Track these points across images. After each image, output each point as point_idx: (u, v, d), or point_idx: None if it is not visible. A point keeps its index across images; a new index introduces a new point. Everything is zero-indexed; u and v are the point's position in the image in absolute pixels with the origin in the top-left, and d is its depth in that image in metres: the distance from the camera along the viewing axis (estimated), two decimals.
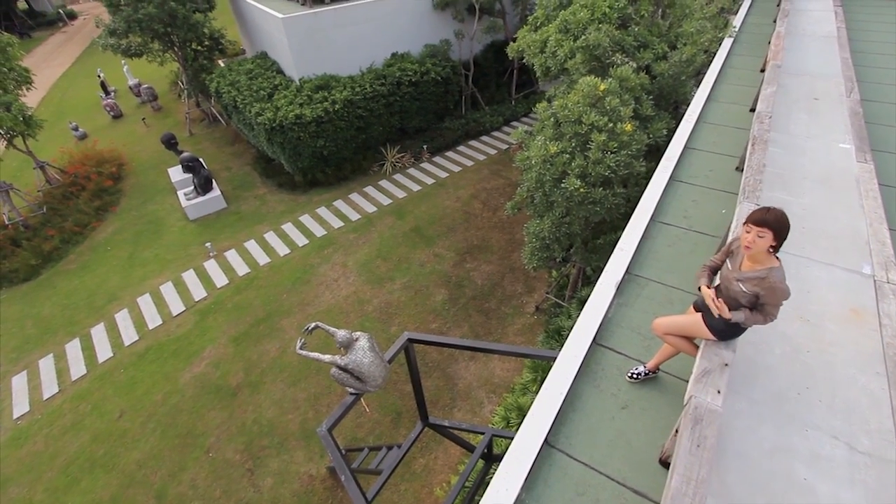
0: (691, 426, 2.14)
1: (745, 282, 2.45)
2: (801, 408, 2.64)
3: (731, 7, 10.95)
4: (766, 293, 2.36)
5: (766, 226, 2.32)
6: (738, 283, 2.47)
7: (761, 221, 2.33)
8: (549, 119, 8.50)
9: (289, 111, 14.16)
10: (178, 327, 11.54)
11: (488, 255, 13.31)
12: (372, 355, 4.47)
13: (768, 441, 2.43)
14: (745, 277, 2.45)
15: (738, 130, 6.12)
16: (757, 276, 2.39)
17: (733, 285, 2.50)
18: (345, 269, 12.83)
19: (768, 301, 2.37)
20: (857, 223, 3.83)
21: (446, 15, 17.33)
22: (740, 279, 2.47)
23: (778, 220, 2.30)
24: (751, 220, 2.38)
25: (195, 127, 20.85)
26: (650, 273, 4.05)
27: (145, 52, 18.18)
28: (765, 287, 2.36)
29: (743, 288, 2.45)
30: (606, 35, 8.91)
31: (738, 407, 2.64)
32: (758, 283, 2.38)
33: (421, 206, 15.08)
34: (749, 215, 2.39)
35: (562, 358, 3.31)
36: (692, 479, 1.96)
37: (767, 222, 2.32)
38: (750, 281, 2.42)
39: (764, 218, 2.33)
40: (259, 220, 14.93)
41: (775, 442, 2.42)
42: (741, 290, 2.45)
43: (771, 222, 2.31)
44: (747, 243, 2.40)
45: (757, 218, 2.36)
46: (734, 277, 2.51)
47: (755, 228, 2.36)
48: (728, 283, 2.54)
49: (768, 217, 2.32)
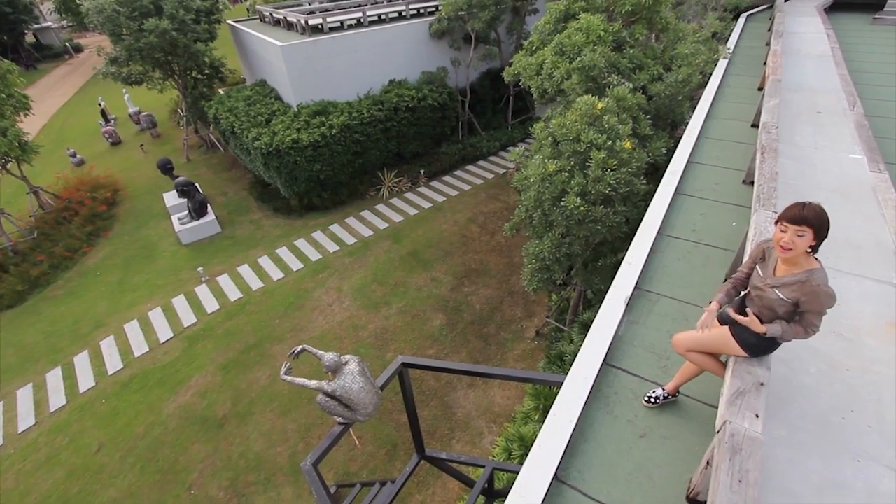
0: (729, 457, 1.82)
1: (782, 288, 2.17)
2: (848, 434, 2.32)
3: (723, 32, 11.12)
4: (808, 299, 2.08)
5: (805, 223, 2.05)
6: (773, 291, 2.19)
7: (799, 219, 2.06)
8: (546, 139, 8.39)
9: (286, 135, 14.15)
10: (165, 355, 11.09)
11: (487, 278, 13.02)
12: (362, 381, 4.13)
13: (816, 474, 2.10)
14: (781, 283, 2.17)
15: (741, 145, 5.98)
16: (796, 281, 2.12)
17: (768, 293, 2.22)
18: (339, 294, 12.49)
19: (810, 308, 2.09)
20: (881, 233, 3.60)
21: (443, 43, 17.65)
22: (776, 285, 2.20)
23: (818, 216, 2.04)
24: (786, 218, 2.11)
25: (193, 153, 20.88)
26: (661, 288, 3.78)
27: (146, 80, 18.38)
28: (806, 292, 2.08)
29: (780, 295, 2.17)
30: (602, 56, 8.93)
31: (776, 434, 2.32)
32: (797, 289, 2.11)
33: (418, 230, 14.88)
34: (783, 213, 2.13)
35: (570, 381, 2.99)
36: None
37: (807, 219, 2.05)
38: (788, 287, 2.14)
39: (802, 215, 2.06)
40: (253, 245, 14.67)
41: (824, 475, 2.10)
42: (778, 298, 2.17)
43: (811, 219, 2.05)
44: (784, 244, 2.12)
45: (794, 215, 2.09)
46: (769, 284, 2.24)
47: (792, 227, 2.08)
48: (762, 292, 2.26)
49: (807, 213, 2.05)
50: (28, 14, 39.62)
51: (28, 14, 39.62)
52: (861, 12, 12.29)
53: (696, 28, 11.14)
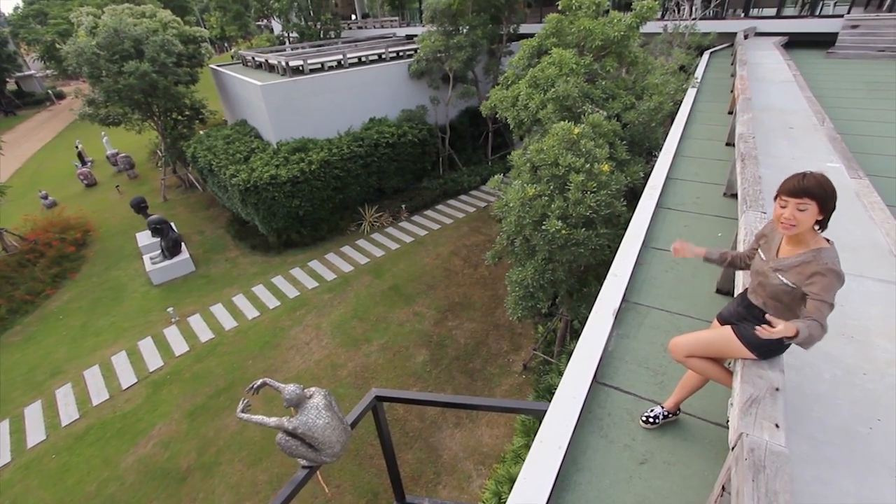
0: (752, 477, 1.51)
1: (786, 271, 1.92)
2: (879, 446, 2.02)
3: (690, 65, 11.60)
4: (815, 280, 1.82)
5: (806, 195, 1.81)
6: (776, 275, 1.94)
7: (800, 190, 1.82)
8: (525, 165, 8.35)
9: (264, 172, 13.99)
10: (127, 402, 10.26)
11: (471, 312, 12.65)
12: (328, 416, 3.69)
13: (852, 496, 1.79)
14: (785, 266, 1.92)
15: (718, 162, 5.97)
16: (801, 262, 1.87)
17: (770, 278, 1.97)
18: (318, 332, 11.93)
19: (817, 293, 1.82)
20: (873, 234, 3.47)
21: (422, 83, 18.09)
22: (779, 268, 1.95)
23: (821, 185, 1.81)
24: (785, 192, 1.87)
25: (170, 193, 20.54)
26: (651, 300, 3.53)
27: (124, 121, 18.25)
28: (810, 273, 1.83)
29: (783, 279, 1.91)
30: (575, 86, 9.12)
31: (798, 450, 2.01)
32: (801, 270, 1.86)
33: (399, 264, 14.57)
34: (781, 186, 1.90)
35: (557, 401, 2.66)
36: None
37: (808, 190, 1.80)
38: (793, 269, 1.89)
39: (802, 185, 1.81)
40: (229, 283, 14.11)
41: (861, 495, 1.78)
42: (781, 283, 1.92)
43: (813, 189, 1.80)
44: (786, 221, 1.87)
45: (793, 186, 1.84)
46: (772, 267, 1.99)
47: (793, 200, 1.84)
48: (764, 278, 2.01)
49: (807, 183, 1.82)
50: (11, 63, 39.89)
51: (11, 63, 39.89)
52: (815, 48, 13.02)
53: (663, 62, 11.60)
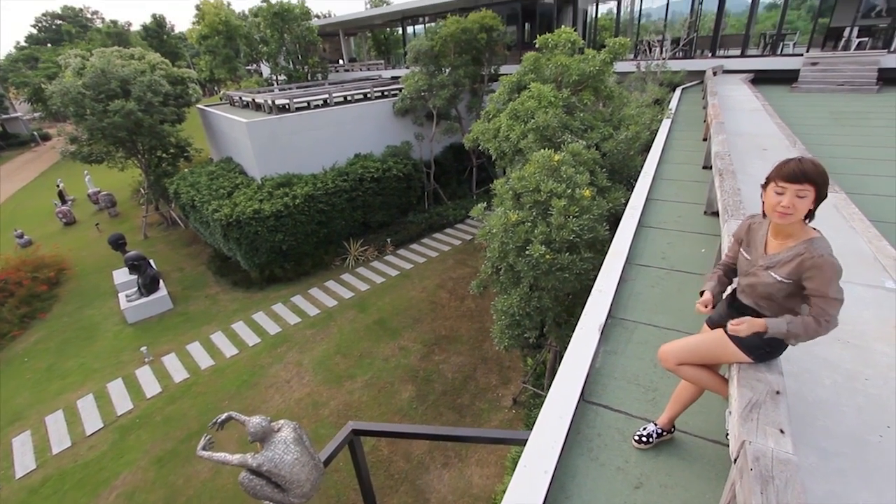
0: (760, 490, 1.33)
1: (777, 267, 1.80)
2: (892, 456, 1.86)
3: (664, 98, 12.07)
4: (811, 274, 1.70)
5: (807, 180, 1.68)
6: (767, 273, 1.83)
7: (800, 175, 1.68)
8: (507, 193, 8.38)
9: (247, 206, 13.87)
10: (91, 449, 9.55)
11: (458, 345, 12.33)
12: (297, 451, 3.39)
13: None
14: (776, 261, 1.80)
15: (696, 183, 6.03)
16: (793, 255, 1.76)
17: (761, 277, 1.85)
18: (299, 369, 11.45)
19: (817, 288, 1.71)
20: (855, 242, 3.44)
21: (406, 120, 18.49)
22: (770, 265, 1.83)
23: (819, 171, 1.69)
24: (783, 176, 1.73)
25: (152, 230, 20.20)
26: (637, 316, 3.40)
27: (107, 159, 18.15)
28: (807, 266, 1.70)
29: (776, 276, 1.79)
30: (555, 116, 9.34)
31: (807, 461, 1.83)
32: (797, 265, 1.74)
33: (385, 298, 14.29)
34: (776, 170, 1.77)
35: (542, 421, 2.45)
36: None
37: (808, 174, 1.68)
38: (784, 264, 1.77)
39: (802, 169, 1.68)
40: (207, 321, 13.63)
41: None
42: (775, 281, 1.80)
43: (812, 174, 1.68)
44: (783, 209, 1.73)
45: (792, 170, 1.70)
46: (761, 266, 1.87)
47: (792, 186, 1.70)
48: (754, 278, 1.89)
49: (807, 167, 1.68)
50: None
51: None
52: (779, 84, 13.70)
53: (638, 96, 12.05)
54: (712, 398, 2.63)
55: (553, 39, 11.10)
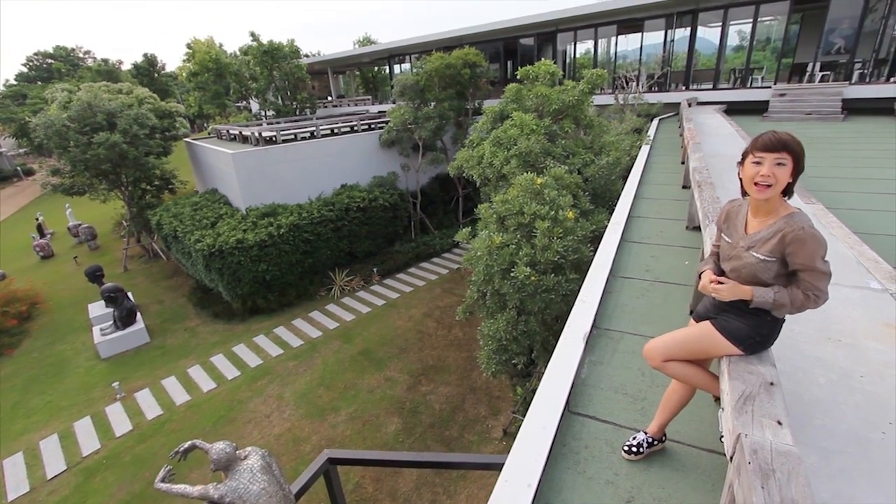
0: (760, 484, 1.21)
1: (759, 246, 1.74)
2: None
3: (642, 127, 12.45)
4: (794, 249, 1.63)
5: (784, 149, 1.63)
6: (749, 253, 1.76)
7: (777, 143, 1.64)
8: (491, 217, 8.38)
9: (230, 236, 13.68)
10: (51, 495, 8.87)
11: (446, 375, 12.00)
12: (265, 480, 3.14)
13: None
14: (758, 240, 1.74)
15: (677, 202, 6.10)
16: (774, 231, 1.69)
17: (744, 258, 1.77)
18: (280, 402, 10.96)
19: (802, 262, 1.64)
20: (837, 247, 3.44)
21: (393, 151, 18.73)
22: (751, 245, 1.76)
23: (795, 141, 1.66)
24: (760, 147, 1.68)
25: (133, 263, 19.75)
26: (623, 326, 3.30)
27: (89, 191, 17.92)
28: (789, 241, 1.64)
29: (759, 255, 1.72)
30: (537, 142, 9.52)
31: (809, 461, 1.71)
32: (779, 240, 1.67)
33: (370, 328, 13.96)
34: (753, 143, 1.73)
35: (525, 433, 2.29)
36: None
37: (786, 143, 1.63)
38: (767, 242, 1.70)
39: (779, 138, 1.64)
40: (185, 354, 13.11)
41: None
42: (758, 261, 1.73)
43: (790, 143, 1.64)
44: (762, 179, 1.67)
45: (769, 140, 1.65)
46: (743, 247, 1.80)
47: (770, 155, 1.65)
48: (737, 261, 1.81)
49: (783, 136, 1.64)
50: None
51: None
52: (751, 114, 14.28)
53: (617, 125, 12.41)
54: (704, 406, 2.51)
55: (534, 71, 11.48)
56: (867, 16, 13.59)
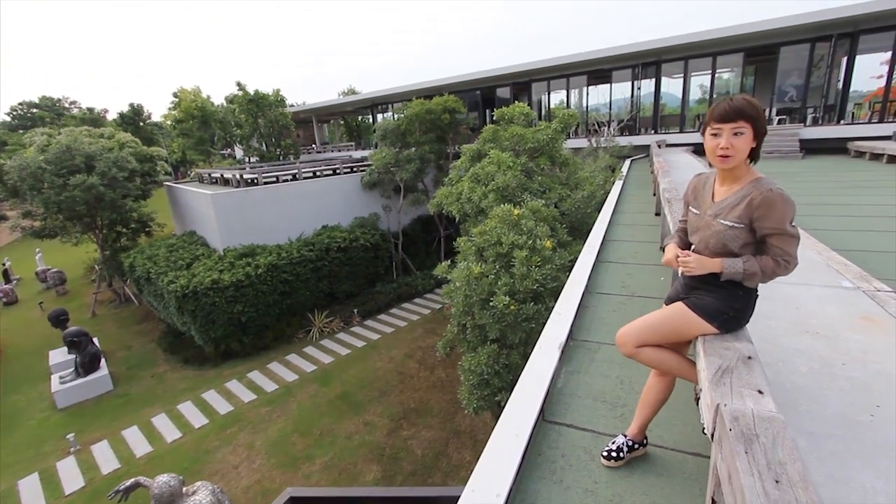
0: (744, 449, 1.10)
1: (726, 212, 1.70)
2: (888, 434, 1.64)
3: (616, 166, 12.92)
4: (763, 212, 1.59)
5: (741, 117, 1.60)
6: (717, 221, 1.72)
7: (733, 112, 1.61)
8: (470, 249, 8.38)
9: (205, 276, 13.31)
10: None
11: (428, 418, 11.48)
12: None
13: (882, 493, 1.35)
14: (725, 207, 1.70)
15: (651, 227, 6.19)
16: (741, 196, 1.66)
17: (713, 226, 1.73)
18: (250, 452, 10.25)
19: (771, 226, 1.60)
20: (806, 253, 3.48)
21: (375, 193, 18.94)
22: (718, 212, 1.73)
23: (752, 106, 1.62)
24: (717, 118, 1.65)
25: (102, 308, 18.95)
26: (600, 337, 3.20)
27: (60, 234, 17.44)
28: (756, 204, 1.60)
29: (727, 222, 1.68)
30: (514, 178, 9.73)
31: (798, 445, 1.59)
32: (746, 205, 1.64)
33: (349, 370, 13.45)
34: (710, 114, 1.70)
35: (495, 440, 2.12)
36: None
37: (742, 111, 1.60)
38: (734, 208, 1.67)
39: (734, 106, 1.61)
40: (150, 402, 12.32)
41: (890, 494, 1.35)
42: (726, 228, 1.68)
43: (746, 109, 1.60)
44: (722, 151, 1.65)
45: (724, 109, 1.63)
46: (711, 215, 1.76)
47: (727, 126, 1.63)
48: (706, 232, 1.77)
49: (738, 104, 1.60)
50: None
51: None
52: None
53: (591, 163, 12.85)
54: (687, 410, 2.39)
55: (509, 113, 11.96)
56: (812, 71, 14.80)
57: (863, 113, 15.91)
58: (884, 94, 14.74)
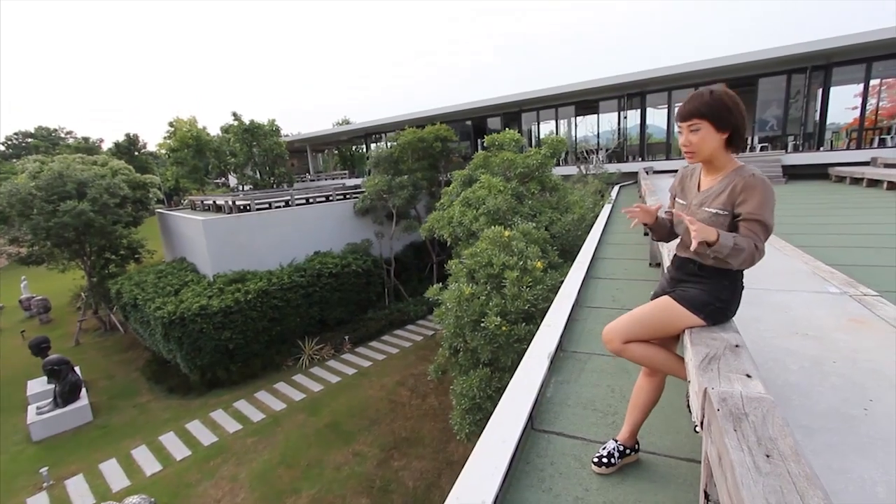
0: (733, 427, 1.07)
1: (711, 200, 1.72)
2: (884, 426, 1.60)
3: (605, 190, 13.13)
4: (745, 196, 1.61)
5: (693, 115, 1.66)
6: (702, 209, 1.74)
7: (686, 113, 1.68)
8: (461, 272, 8.37)
9: (193, 302, 13.09)
10: None
11: (420, 448, 11.13)
12: None
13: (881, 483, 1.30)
14: (710, 195, 1.73)
15: (639, 245, 6.23)
16: (725, 184, 1.69)
17: (698, 214, 1.75)
18: (234, 485, 9.81)
19: (751, 210, 1.61)
20: (794, 263, 3.50)
21: (367, 219, 19.00)
22: (703, 201, 1.75)
23: (706, 102, 1.66)
24: (677, 118, 1.73)
25: (86, 336, 18.49)
26: (591, 348, 3.16)
27: (48, 260, 17.19)
28: (739, 190, 1.63)
29: (712, 209, 1.70)
30: (504, 201, 9.83)
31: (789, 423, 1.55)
32: (729, 192, 1.66)
33: (339, 399, 13.10)
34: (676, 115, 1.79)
35: (481, 447, 2.04)
36: None
37: (692, 110, 1.66)
38: (718, 196, 1.69)
39: (687, 107, 1.68)
40: (131, 433, 11.84)
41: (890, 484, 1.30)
42: (710, 215, 1.70)
43: (699, 108, 1.65)
44: (684, 148, 1.73)
45: (680, 110, 1.70)
46: (696, 203, 1.79)
47: (684, 124, 1.70)
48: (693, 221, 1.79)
49: (692, 103, 1.68)
50: None
51: None
52: None
53: (581, 188, 13.06)
54: (680, 418, 2.33)
55: (499, 139, 12.21)
56: (790, 102, 15.40)
57: (841, 142, 16.46)
58: (859, 125, 15.35)
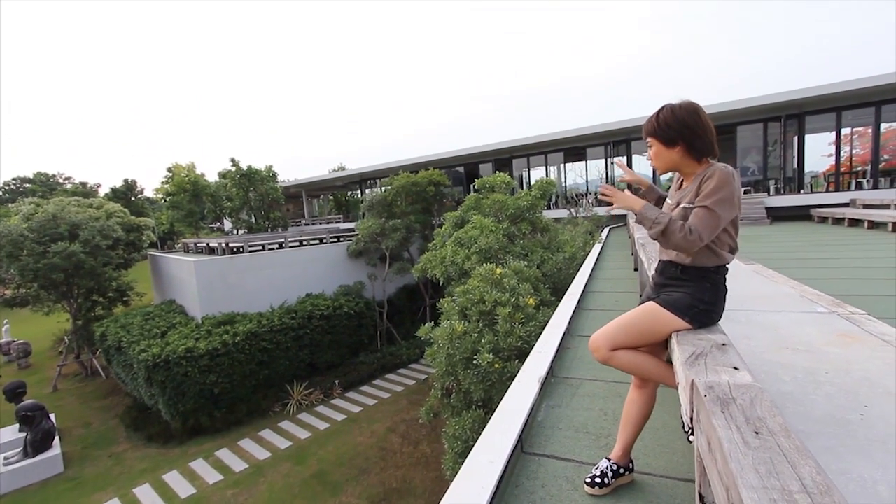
0: (720, 409, 1.06)
1: (686, 198, 1.81)
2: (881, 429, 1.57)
3: (595, 231, 13.34)
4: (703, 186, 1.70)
5: (648, 134, 1.86)
6: (680, 206, 1.82)
7: (644, 132, 1.89)
8: (453, 309, 8.33)
9: (179, 345, 12.76)
10: None
11: (411, 499, 10.55)
12: None
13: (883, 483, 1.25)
14: (686, 193, 1.82)
15: (630, 280, 6.28)
16: (695, 182, 1.78)
17: (676, 210, 1.83)
18: None
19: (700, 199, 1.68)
20: (781, 289, 3.51)
21: (360, 261, 19.02)
22: (681, 199, 1.84)
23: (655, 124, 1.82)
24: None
25: (66, 382, 17.79)
26: (582, 373, 3.11)
27: (33, 302, 16.84)
28: (703, 181, 1.72)
29: (684, 204, 1.79)
30: (496, 241, 9.95)
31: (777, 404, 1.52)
32: (698, 186, 1.74)
33: (327, 446, 12.51)
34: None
35: (468, 468, 1.95)
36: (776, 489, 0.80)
37: (645, 130, 1.87)
38: (691, 192, 1.78)
39: (645, 127, 1.88)
40: (103, 486, 11.14)
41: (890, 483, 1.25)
42: (683, 209, 1.78)
43: (646, 127, 1.85)
44: (650, 163, 1.95)
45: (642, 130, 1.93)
46: (675, 201, 1.88)
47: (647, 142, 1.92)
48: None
49: (646, 125, 1.87)
50: None
51: None
52: None
53: (571, 229, 13.27)
54: (676, 438, 2.26)
55: (490, 182, 12.54)
56: (769, 149, 16.14)
57: (820, 188, 17.10)
58: (835, 170, 16.04)
